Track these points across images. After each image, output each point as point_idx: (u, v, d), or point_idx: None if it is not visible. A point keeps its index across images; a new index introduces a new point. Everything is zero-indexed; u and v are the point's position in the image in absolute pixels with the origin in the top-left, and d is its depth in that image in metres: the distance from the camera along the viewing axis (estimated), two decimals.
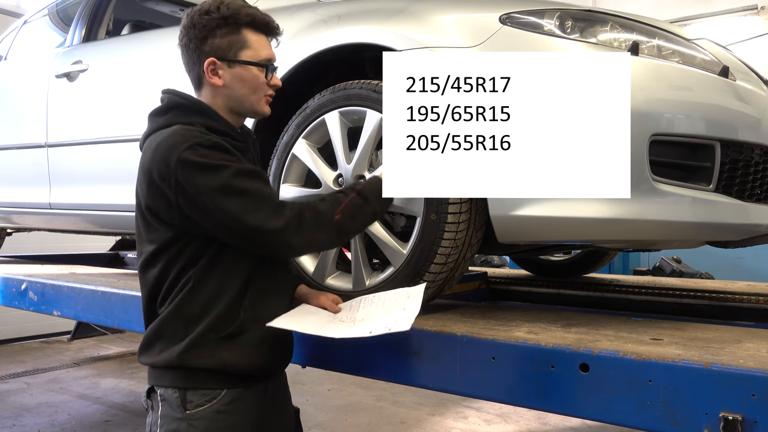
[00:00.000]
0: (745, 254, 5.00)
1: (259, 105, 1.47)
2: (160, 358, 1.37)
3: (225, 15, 1.40)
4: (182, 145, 1.30)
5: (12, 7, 6.55)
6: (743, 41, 6.28)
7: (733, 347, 1.36)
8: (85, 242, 5.45)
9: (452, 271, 1.66)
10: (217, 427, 1.35)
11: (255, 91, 1.44)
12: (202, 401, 1.35)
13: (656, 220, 1.48)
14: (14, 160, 3.08)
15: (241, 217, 1.30)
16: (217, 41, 1.40)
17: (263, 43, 1.45)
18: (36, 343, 6.38)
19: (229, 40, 1.40)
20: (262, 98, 1.46)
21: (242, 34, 1.41)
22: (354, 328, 1.40)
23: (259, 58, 1.43)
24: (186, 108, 1.42)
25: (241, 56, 1.41)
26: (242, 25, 1.41)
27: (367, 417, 4.19)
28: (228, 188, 1.29)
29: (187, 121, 1.38)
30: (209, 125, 1.39)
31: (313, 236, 1.36)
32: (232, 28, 1.40)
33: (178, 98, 1.44)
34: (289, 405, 1.63)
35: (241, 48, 1.41)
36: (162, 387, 1.38)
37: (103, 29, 3.01)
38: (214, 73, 1.42)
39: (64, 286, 2.50)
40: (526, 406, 1.44)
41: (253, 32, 1.43)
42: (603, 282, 2.88)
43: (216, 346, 1.35)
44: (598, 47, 1.55)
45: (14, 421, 4.04)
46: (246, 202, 1.30)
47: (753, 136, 1.62)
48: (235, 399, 1.38)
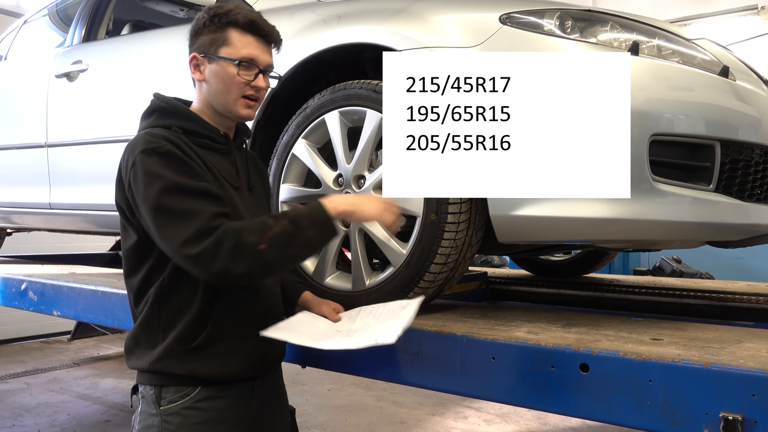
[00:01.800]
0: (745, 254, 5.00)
1: (235, 105, 1.43)
2: (138, 363, 1.40)
3: (214, 14, 1.42)
4: (138, 148, 1.31)
5: (12, 7, 6.56)
6: (743, 41, 6.28)
7: (733, 347, 1.36)
8: (85, 242, 5.45)
9: (452, 271, 1.66)
10: (190, 423, 1.35)
11: (229, 89, 1.41)
12: (176, 398, 1.35)
13: (656, 220, 1.48)
14: (14, 160, 3.08)
15: (160, 234, 1.28)
16: (202, 38, 1.42)
17: (246, 42, 1.41)
18: (36, 343, 6.38)
19: (212, 37, 1.41)
20: (238, 99, 1.42)
21: (225, 32, 1.41)
22: (345, 339, 1.39)
23: (238, 56, 1.40)
24: (165, 111, 1.43)
25: (220, 53, 1.40)
26: (227, 24, 1.41)
27: (367, 417, 4.19)
28: (155, 202, 1.27)
29: (166, 123, 1.40)
30: (185, 127, 1.40)
31: (231, 266, 1.24)
32: (217, 26, 1.41)
33: (159, 101, 1.45)
34: (284, 405, 1.62)
35: (221, 45, 1.41)
36: (142, 385, 1.40)
37: (103, 29, 3.01)
38: (196, 68, 1.44)
39: (64, 286, 2.50)
40: (526, 406, 1.44)
41: (237, 31, 1.41)
42: (603, 282, 2.88)
43: (184, 356, 1.35)
44: (598, 47, 1.55)
45: (14, 421, 4.04)
46: (168, 220, 1.27)
47: (753, 136, 1.62)
48: (211, 396, 1.37)
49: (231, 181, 1.43)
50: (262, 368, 1.48)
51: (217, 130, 1.45)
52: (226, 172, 1.43)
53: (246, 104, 1.44)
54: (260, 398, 1.49)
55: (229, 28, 1.41)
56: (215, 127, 1.45)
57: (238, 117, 1.45)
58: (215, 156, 1.43)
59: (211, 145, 1.43)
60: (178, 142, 1.34)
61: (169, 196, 1.27)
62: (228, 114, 1.45)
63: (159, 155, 1.30)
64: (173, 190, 1.27)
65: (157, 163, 1.29)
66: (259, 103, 1.47)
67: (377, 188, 1.66)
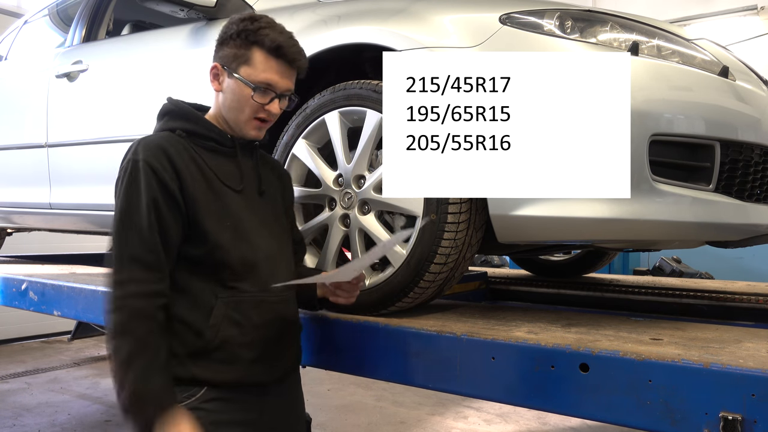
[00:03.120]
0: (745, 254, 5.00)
1: (246, 126, 1.43)
2: None
3: (243, 29, 1.40)
4: (134, 155, 1.34)
5: (12, 7, 6.56)
6: (743, 41, 6.28)
7: (733, 347, 1.37)
8: (85, 242, 5.44)
9: (452, 271, 1.66)
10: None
11: (241, 108, 1.41)
12: (181, 398, 1.33)
13: (656, 220, 1.48)
14: (14, 160, 3.08)
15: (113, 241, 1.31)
16: (227, 50, 1.42)
17: (268, 66, 1.39)
18: (36, 343, 6.39)
19: (236, 53, 1.40)
20: (249, 120, 1.42)
21: (250, 51, 1.39)
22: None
23: (256, 79, 1.39)
24: (173, 113, 1.44)
25: (240, 71, 1.39)
26: (253, 42, 1.39)
27: (367, 417, 4.19)
28: (119, 210, 1.31)
29: (172, 126, 1.41)
30: (190, 129, 1.41)
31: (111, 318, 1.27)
32: (243, 41, 1.40)
33: (169, 104, 1.46)
34: (299, 414, 1.59)
35: (243, 63, 1.40)
36: None
37: (103, 29, 3.01)
38: (215, 78, 1.44)
39: (64, 286, 2.50)
40: (526, 406, 1.44)
41: (262, 53, 1.39)
42: (603, 282, 2.88)
43: (186, 360, 1.34)
44: (598, 47, 1.55)
45: (15, 420, 4.04)
46: (120, 230, 1.30)
47: (753, 136, 1.62)
48: (218, 398, 1.36)
49: (231, 184, 1.42)
50: (270, 375, 1.45)
51: (224, 133, 1.45)
52: (227, 176, 1.42)
53: (256, 126, 1.44)
54: (272, 404, 1.47)
55: (255, 47, 1.39)
56: (221, 130, 1.45)
57: (246, 137, 1.45)
58: (218, 159, 1.43)
59: (216, 148, 1.43)
60: (167, 150, 1.34)
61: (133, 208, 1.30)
62: (237, 131, 1.45)
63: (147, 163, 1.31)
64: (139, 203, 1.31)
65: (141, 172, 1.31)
66: (269, 124, 1.47)
67: (377, 188, 1.66)
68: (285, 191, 1.61)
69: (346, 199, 1.74)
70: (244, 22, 1.40)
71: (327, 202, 1.80)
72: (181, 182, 1.33)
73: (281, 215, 1.56)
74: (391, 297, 1.66)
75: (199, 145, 1.40)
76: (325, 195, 1.79)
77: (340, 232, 1.76)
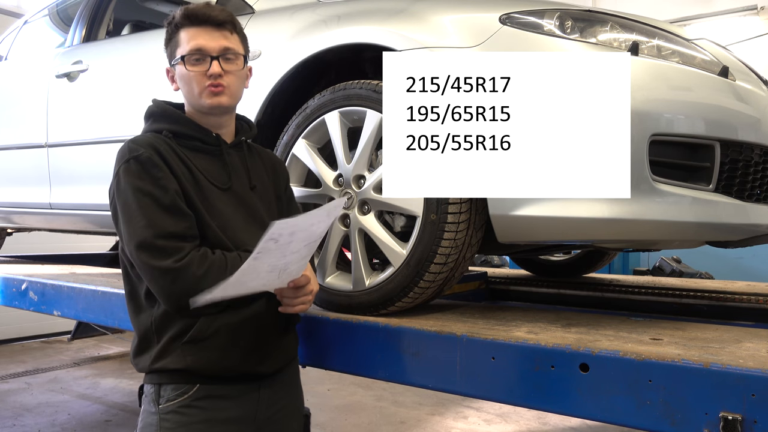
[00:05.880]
0: (745, 254, 5.00)
1: (201, 99, 1.40)
2: (141, 365, 1.41)
3: (168, 23, 1.43)
4: (124, 157, 1.34)
5: (12, 7, 6.55)
6: (743, 41, 6.28)
7: (733, 347, 1.36)
8: (85, 242, 5.45)
9: (452, 271, 1.66)
10: (188, 422, 1.35)
11: (190, 87, 1.40)
12: (173, 396, 1.35)
13: (656, 220, 1.48)
14: (14, 160, 3.08)
15: (125, 235, 1.31)
16: (167, 50, 1.45)
17: (190, 36, 1.39)
18: (36, 343, 6.38)
19: (171, 46, 1.44)
20: (203, 90, 1.39)
21: (177, 35, 1.41)
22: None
23: (185, 52, 1.39)
24: (156, 115, 1.45)
25: (175, 56, 1.42)
26: (174, 27, 1.42)
27: (367, 417, 4.19)
28: (122, 203, 1.32)
29: (158, 128, 1.42)
30: (175, 130, 1.42)
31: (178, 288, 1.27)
32: (172, 32, 1.42)
33: (153, 106, 1.47)
34: (297, 408, 1.59)
35: (176, 48, 1.42)
36: (146, 384, 1.41)
37: (103, 29, 3.01)
38: (171, 80, 1.46)
39: (64, 286, 2.50)
40: (526, 406, 1.44)
41: (183, 29, 1.41)
42: (603, 282, 2.88)
43: (181, 350, 1.35)
44: (598, 47, 1.55)
45: (15, 420, 4.04)
46: (130, 217, 1.29)
47: (753, 136, 1.62)
48: (210, 395, 1.37)
49: (218, 183, 1.42)
50: (266, 365, 1.45)
51: (208, 132, 1.44)
52: (214, 174, 1.42)
53: (210, 92, 1.40)
54: (268, 400, 1.47)
55: (177, 30, 1.42)
56: (206, 129, 1.44)
57: (209, 108, 1.41)
58: (204, 158, 1.42)
59: (201, 147, 1.43)
60: (158, 148, 1.35)
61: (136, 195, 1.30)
62: (201, 109, 1.43)
63: (139, 162, 1.32)
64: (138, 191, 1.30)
65: (136, 171, 1.32)
66: (229, 88, 1.41)
67: (377, 188, 1.66)
68: (277, 178, 1.58)
69: (346, 199, 1.74)
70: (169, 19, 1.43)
71: (327, 202, 1.80)
72: (177, 179, 1.34)
73: (274, 208, 1.54)
74: (391, 297, 1.66)
75: (184, 146, 1.40)
76: (325, 195, 1.80)
77: (339, 232, 1.76)
